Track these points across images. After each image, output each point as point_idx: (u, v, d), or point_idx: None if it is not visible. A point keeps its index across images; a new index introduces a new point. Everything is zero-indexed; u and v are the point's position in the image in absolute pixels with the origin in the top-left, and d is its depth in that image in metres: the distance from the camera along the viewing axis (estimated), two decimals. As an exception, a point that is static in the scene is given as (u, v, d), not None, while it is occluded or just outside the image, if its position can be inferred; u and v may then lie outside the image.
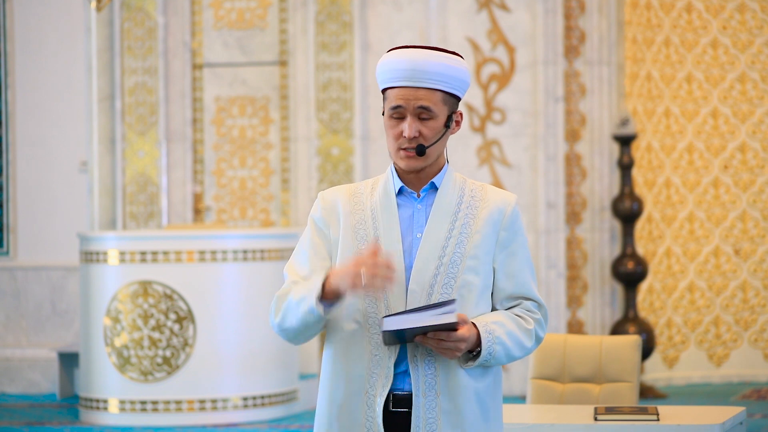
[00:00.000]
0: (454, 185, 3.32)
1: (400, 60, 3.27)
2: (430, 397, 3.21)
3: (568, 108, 9.42)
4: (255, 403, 8.39)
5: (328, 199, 3.36)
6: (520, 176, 9.43)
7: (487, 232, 3.28)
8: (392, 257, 3.23)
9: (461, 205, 3.30)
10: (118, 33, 9.83)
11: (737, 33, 10.16)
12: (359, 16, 9.53)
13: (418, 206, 3.31)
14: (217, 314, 8.34)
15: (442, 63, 3.26)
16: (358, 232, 3.31)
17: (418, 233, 3.29)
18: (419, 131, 3.25)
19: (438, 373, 3.21)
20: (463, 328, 3.16)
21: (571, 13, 9.42)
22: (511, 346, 3.24)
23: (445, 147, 3.32)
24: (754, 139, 10.20)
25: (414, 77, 3.25)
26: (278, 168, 9.80)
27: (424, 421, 3.20)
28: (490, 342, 3.20)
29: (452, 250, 3.25)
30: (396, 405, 3.23)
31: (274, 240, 8.54)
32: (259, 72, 9.81)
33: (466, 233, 3.27)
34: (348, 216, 3.33)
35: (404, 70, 3.26)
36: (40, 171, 10.21)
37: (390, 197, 3.32)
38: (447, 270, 3.24)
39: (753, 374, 10.11)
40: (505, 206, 3.30)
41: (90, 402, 8.42)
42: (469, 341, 3.17)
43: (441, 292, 3.23)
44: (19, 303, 10.17)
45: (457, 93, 3.30)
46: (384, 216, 3.30)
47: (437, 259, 3.24)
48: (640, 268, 9.35)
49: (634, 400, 4.83)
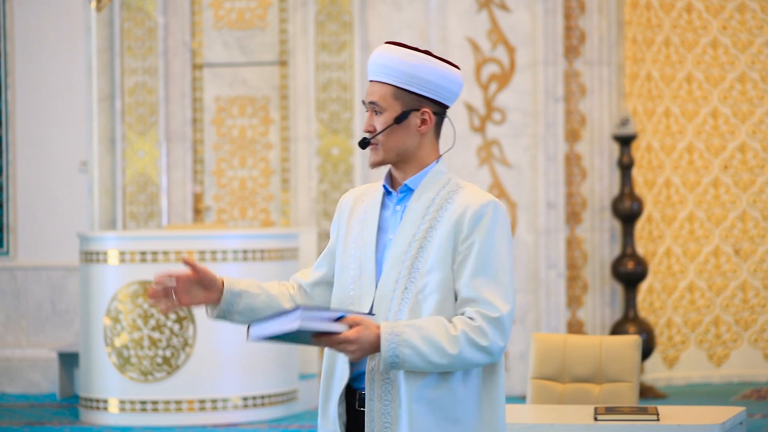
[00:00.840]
0: (433, 187, 3.30)
1: (370, 55, 3.35)
2: (386, 402, 3.21)
3: (568, 108, 9.42)
4: (255, 403, 8.39)
5: (344, 200, 3.44)
6: (520, 176, 9.43)
7: (447, 236, 3.23)
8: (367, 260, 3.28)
9: (431, 208, 3.27)
10: (118, 33, 9.83)
11: (737, 33, 10.16)
12: (359, 16, 9.53)
13: (397, 208, 3.32)
14: (217, 314, 8.33)
15: (395, 57, 3.27)
16: (353, 231, 3.36)
17: (391, 235, 3.30)
18: (373, 126, 3.29)
19: (394, 380, 3.21)
20: (352, 330, 3.11)
21: (571, 13, 9.42)
22: (427, 352, 3.13)
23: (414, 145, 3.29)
24: (754, 139, 10.20)
25: (371, 72, 3.31)
26: (278, 168, 9.80)
27: (380, 426, 3.21)
28: (394, 344, 3.12)
29: (414, 255, 3.24)
30: (362, 404, 3.26)
31: (274, 240, 8.54)
32: (259, 72, 9.82)
33: (430, 237, 3.25)
34: (351, 215, 3.38)
35: (369, 65, 3.34)
36: (40, 171, 10.21)
37: (378, 197, 3.35)
38: (409, 273, 3.23)
39: (753, 374, 10.11)
40: (467, 209, 3.23)
41: (90, 402, 8.42)
42: (361, 343, 3.12)
43: (401, 297, 3.22)
44: (19, 303, 10.17)
45: (414, 90, 3.27)
46: (369, 216, 3.34)
47: (399, 263, 3.24)
48: (640, 268, 9.35)
49: (634, 400, 4.83)
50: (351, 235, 3.35)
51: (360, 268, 3.29)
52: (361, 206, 3.38)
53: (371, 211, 3.34)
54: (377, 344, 3.14)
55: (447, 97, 3.32)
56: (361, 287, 3.28)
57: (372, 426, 3.21)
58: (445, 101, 3.32)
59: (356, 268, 3.30)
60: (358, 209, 3.38)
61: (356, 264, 3.30)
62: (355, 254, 3.31)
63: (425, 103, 3.29)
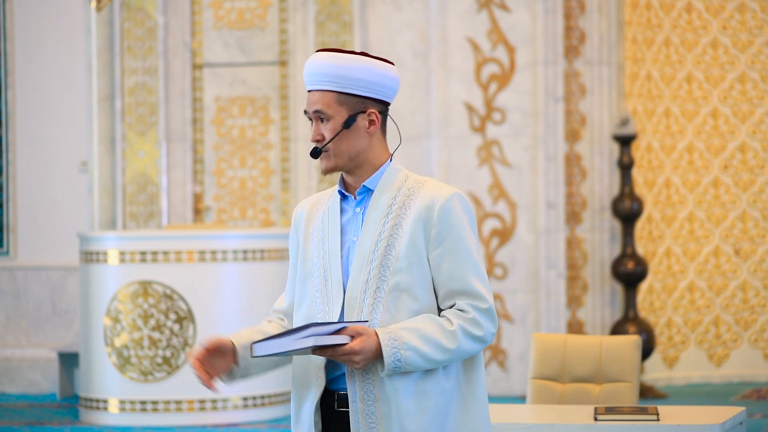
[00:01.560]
0: (392, 185, 3.31)
1: (305, 65, 3.35)
2: (369, 402, 3.21)
3: (568, 108, 9.42)
4: (255, 403, 8.39)
5: (297, 212, 3.45)
6: (520, 176, 9.43)
7: (416, 231, 3.24)
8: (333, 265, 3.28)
9: (394, 206, 3.28)
10: (118, 33, 9.83)
11: (737, 33, 10.16)
12: (359, 16, 9.53)
13: (356, 210, 3.32)
14: (217, 314, 8.34)
15: (333, 63, 3.28)
16: (313, 240, 3.36)
17: (354, 237, 3.30)
18: (321, 134, 3.33)
19: (375, 379, 3.21)
20: (356, 341, 3.13)
21: (571, 13, 9.42)
22: (428, 350, 3.16)
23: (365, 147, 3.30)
24: (754, 139, 10.20)
25: (309, 81, 3.32)
26: (278, 168, 9.80)
27: (365, 426, 3.21)
28: (394, 349, 3.14)
29: (382, 254, 3.24)
30: (340, 405, 3.26)
31: (274, 240, 8.54)
32: (259, 72, 9.82)
33: (396, 234, 3.25)
34: (307, 224, 3.39)
35: (305, 76, 3.34)
36: (40, 171, 10.21)
37: (335, 202, 3.35)
38: (378, 273, 3.23)
39: (753, 374, 10.11)
40: (434, 202, 3.25)
41: (90, 402, 8.42)
42: (365, 352, 3.14)
43: (374, 296, 3.22)
44: (19, 303, 10.17)
45: (357, 92, 3.28)
46: (329, 222, 3.34)
47: (368, 263, 3.24)
48: (640, 268, 9.35)
49: (634, 400, 4.83)
50: (310, 244, 3.35)
51: (325, 275, 3.29)
52: (316, 215, 3.38)
53: (330, 217, 3.33)
54: (379, 351, 3.15)
55: (388, 94, 3.33)
56: (328, 293, 3.28)
57: (357, 426, 3.21)
58: (387, 98, 3.34)
59: (321, 275, 3.30)
60: (313, 219, 3.38)
61: (320, 272, 3.30)
62: (319, 262, 3.31)
63: (369, 104, 3.31)
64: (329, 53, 3.30)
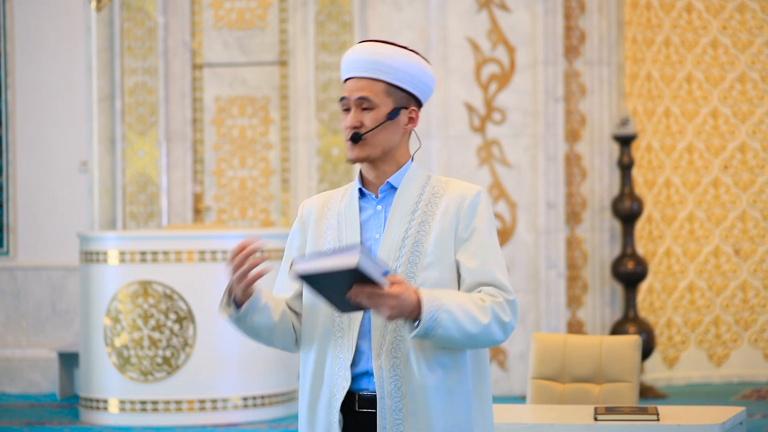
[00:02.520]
0: (416, 184, 3.31)
1: (350, 53, 3.33)
2: (396, 398, 3.19)
3: (568, 108, 9.42)
4: (255, 403, 8.39)
5: (305, 209, 3.42)
6: (520, 176, 9.43)
7: (444, 228, 3.24)
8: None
9: (419, 203, 3.28)
10: (118, 33, 9.83)
11: (737, 33, 10.16)
12: (359, 16, 9.53)
13: (378, 207, 3.31)
14: (217, 314, 8.33)
15: (388, 55, 3.28)
16: (326, 237, 3.33)
17: (376, 234, 3.28)
18: (360, 121, 3.27)
19: (403, 375, 3.19)
20: (395, 286, 3.06)
21: (571, 13, 9.42)
22: (462, 319, 3.11)
23: (398, 143, 3.30)
24: (754, 139, 10.20)
25: (357, 68, 3.29)
26: (278, 168, 9.80)
27: (391, 422, 3.19)
28: (434, 309, 3.08)
29: (409, 250, 3.23)
30: (362, 405, 3.23)
31: (274, 240, 8.54)
32: (259, 72, 9.81)
33: (423, 231, 3.25)
34: (317, 222, 3.36)
35: (351, 62, 3.31)
36: (40, 171, 10.21)
37: (353, 200, 3.33)
38: (406, 270, 3.22)
39: (753, 374, 10.11)
40: (461, 200, 3.26)
41: (90, 402, 8.42)
42: (403, 301, 3.06)
43: None
44: (19, 303, 10.17)
45: (407, 87, 3.29)
46: (346, 220, 3.31)
47: (395, 260, 3.23)
48: (640, 268, 9.35)
49: (634, 400, 4.83)
50: (324, 242, 3.33)
51: None
52: (328, 213, 3.36)
53: (349, 215, 3.31)
54: (414, 308, 3.08)
55: (427, 95, 3.36)
56: None
57: (384, 423, 3.19)
58: (424, 99, 3.36)
59: None
60: (326, 216, 3.36)
61: None
62: None
63: (412, 102, 3.32)
64: (382, 44, 3.30)
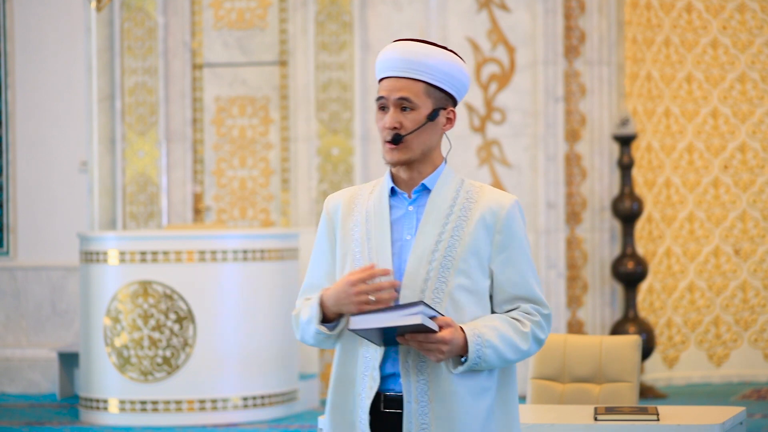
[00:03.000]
0: (450, 187, 3.27)
1: (389, 51, 3.26)
2: (422, 402, 3.18)
3: (568, 108, 9.42)
4: (255, 403, 8.39)
5: (330, 204, 3.36)
6: (520, 176, 9.43)
7: (479, 236, 3.22)
8: (382, 263, 3.21)
9: (454, 207, 3.25)
10: (118, 33, 9.83)
11: (737, 33, 10.16)
12: (359, 16, 9.53)
13: (410, 208, 3.27)
14: (217, 314, 8.34)
15: (429, 55, 3.23)
16: (353, 235, 3.28)
17: (407, 235, 3.24)
18: (400, 122, 3.22)
19: (430, 379, 3.18)
20: (446, 331, 3.10)
21: (571, 13, 9.42)
22: (504, 350, 3.17)
23: (435, 144, 3.27)
24: (754, 139, 10.20)
25: (398, 67, 3.23)
26: (278, 168, 9.80)
27: (417, 426, 3.18)
28: (478, 346, 3.14)
29: (443, 254, 3.20)
30: (387, 406, 3.21)
31: (274, 240, 8.54)
32: (259, 72, 9.81)
33: (457, 236, 3.22)
34: (345, 219, 3.31)
35: (391, 60, 3.25)
36: (40, 171, 10.21)
37: (383, 199, 3.29)
38: (438, 274, 3.19)
39: (753, 374, 10.11)
40: (499, 209, 3.24)
41: (90, 402, 8.42)
42: (453, 344, 3.12)
43: (432, 297, 3.19)
44: (19, 303, 10.17)
45: (446, 88, 3.25)
46: (376, 218, 3.27)
47: (427, 263, 3.20)
48: (640, 268, 9.35)
49: (634, 400, 4.83)
50: (351, 240, 3.29)
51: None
52: (356, 210, 3.31)
53: (379, 213, 3.27)
54: (462, 346, 3.14)
55: (463, 95, 3.33)
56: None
57: (410, 427, 3.18)
58: (460, 99, 3.32)
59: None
60: (353, 213, 3.31)
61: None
62: (364, 259, 3.24)
63: (449, 102, 3.29)
64: (421, 43, 3.25)
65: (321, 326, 3.21)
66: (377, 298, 3.13)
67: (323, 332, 3.22)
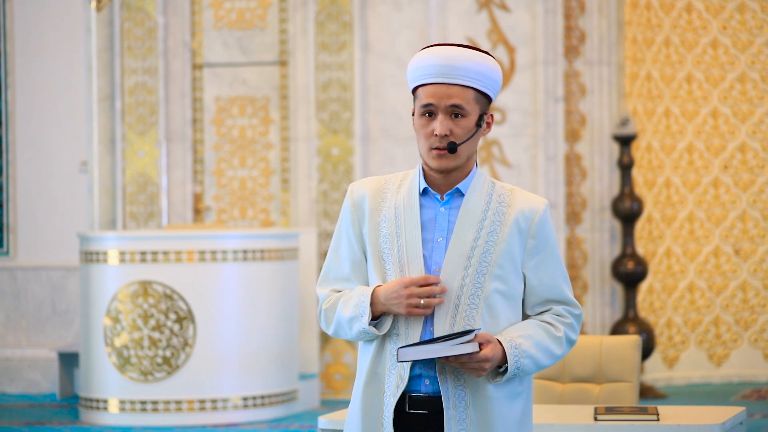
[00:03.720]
0: (482, 190, 3.25)
1: (432, 57, 3.22)
2: (460, 408, 3.18)
3: (568, 108, 9.42)
4: (255, 403, 8.39)
5: (356, 193, 3.31)
6: (520, 176, 9.43)
7: (514, 240, 3.22)
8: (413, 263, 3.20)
9: (488, 211, 3.23)
10: (118, 33, 9.83)
11: (737, 33, 10.16)
12: (359, 16, 9.53)
13: (441, 209, 3.24)
14: (217, 314, 8.34)
15: (476, 61, 3.20)
16: (381, 230, 3.26)
17: (439, 237, 3.23)
18: (450, 129, 3.19)
19: (467, 385, 3.18)
20: (487, 348, 3.12)
21: (571, 13, 9.42)
22: (540, 357, 3.21)
23: (476, 149, 3.26)
24: (754, 139, 10.20)
25: (446, 74, 3.19)
26: (278, 168, 9.80)
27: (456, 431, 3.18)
28: (516, 357, 3.16)
29: (478, 259, 3.20)
30: (412, 407, 3.21)
31: (274, 240, 8.54)
32: (259, 72, 9.81)
33: (492, 241, 3.21)
34: (373, 212, 3.28)
35: (436, 66, 3.20)
36: (40, 171, 10.21)
37: (413, 197, 3.25)
38: (474, 279, 3.19)
39: (753, 374, 10.11)
40: (532, 213, 3.24)
41: (90, 402, 8.42)
42: (494, 360, 3.14)
43: (468, 303, 3.18)
44: (19, 303, 10.17)
45: (489, 93, 3.24)
46: (407, 216, 3.24)
47: (464, 268, 3.19)
48: (640, 268, 9.35)
49: (634, 400, 4.83)
50: (378, 234, 3.26)
51: (401, 272, 3.22)
52: (383, 204, 3.28)
53: (409, 212, 3.24)
54: (501, 358, 3.16)
55: (495, 97, 3.33)
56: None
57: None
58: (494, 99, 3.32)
59: (395, 271, 3.22)
60: (382, 208, 3.28)
61: (395, 267, 3.23)
62: (393, 257, 3.23)
63: (488, 106, 3.27)
64: (463, 48, 3.23)
65: (371, 327, 3.19)
66: (426, 303, 3.13)
67: (372, 332, 3.20)
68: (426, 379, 3.21)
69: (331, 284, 3.32)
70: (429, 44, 3.30)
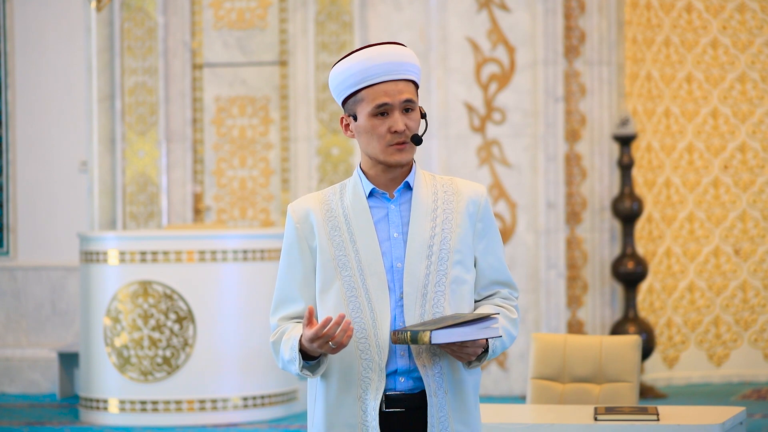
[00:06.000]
0: (426, 183, 3.33)
1: (371, 58, 3.25)
2: (440, 395, 3.24)
3: (568, 108, 9.42)
4: (255, 403, 8.39)
5: (299, 211, 3.33)
6: (520, 176, 9.43)
7: (466, 225, 3.31)
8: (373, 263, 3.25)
9: (437, 201, 3.31)
10: (118, 33, 9.83)
11: (737, 33, 10.16)
12: (359, 16, 9.53)
13: (392, 206, 3.29)
14: (217, 314, 8.34)
15: (411, 55, 3.30)
16: (333, 239, 3.28)
17: (395, 233, 3.28)
18: (406, 124, 3.25)
19: (444, 372, 3.24)
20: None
21: (571, 13, 9.42)
22: (506, 340, 3.31)
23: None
24: (754, 139, 10.20)
25: (393, 71, 3.25)
26: (278, 168, 9.80)
27: (437, 420, 3.23)
28: (492, 341, 3.25)
29: (438, 248, 3.27)
30: (389, 405, 3.24)
31: (274, 240, 8.54)
32: (259, 72, 9.82)
33: (448, 228, 3.29)
34: (321, 223, 3.30)
35: (382, 65, 3.25)
36: (40, 171, 10.21)
37: (361, 200, 3.29)
38: (437, 268, 3.26)
39: (753, 374, 10.11)
40: (479, 198, 3.33)
41: (90, 402, 8.42)
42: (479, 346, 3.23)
43: (435, 290, 3.25)
44: (19, 303, 10.17)
45: (419, 84, 3.34)
46: (357, 219, 3.28)
47: (426, 258, 3.26)
48: (640, 268, 9.35)
49: (634, 400, 4.84)
50: (332, 245, 3.28)
51: (361, 274, 3.24)
52: (331, 214, 3.30)
53: (361, 214, 3.28)
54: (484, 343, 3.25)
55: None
56: (367, 293, 3.23)
57: (432, 421, 3.22)
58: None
59: (353, 276, 3.25)
60: (330, 217, 3.30)
61: (352, 272, 3.25)
62: (349, 263, 3.26)
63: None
64: (399, 46, 3.30)
65: (305, 371, 3.23)
66: (335, 343, 3.12)
67: (307, 375, 3.25)
68: (401, 376, 3.24)
69: (280, 312, 3.33)
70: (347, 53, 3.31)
